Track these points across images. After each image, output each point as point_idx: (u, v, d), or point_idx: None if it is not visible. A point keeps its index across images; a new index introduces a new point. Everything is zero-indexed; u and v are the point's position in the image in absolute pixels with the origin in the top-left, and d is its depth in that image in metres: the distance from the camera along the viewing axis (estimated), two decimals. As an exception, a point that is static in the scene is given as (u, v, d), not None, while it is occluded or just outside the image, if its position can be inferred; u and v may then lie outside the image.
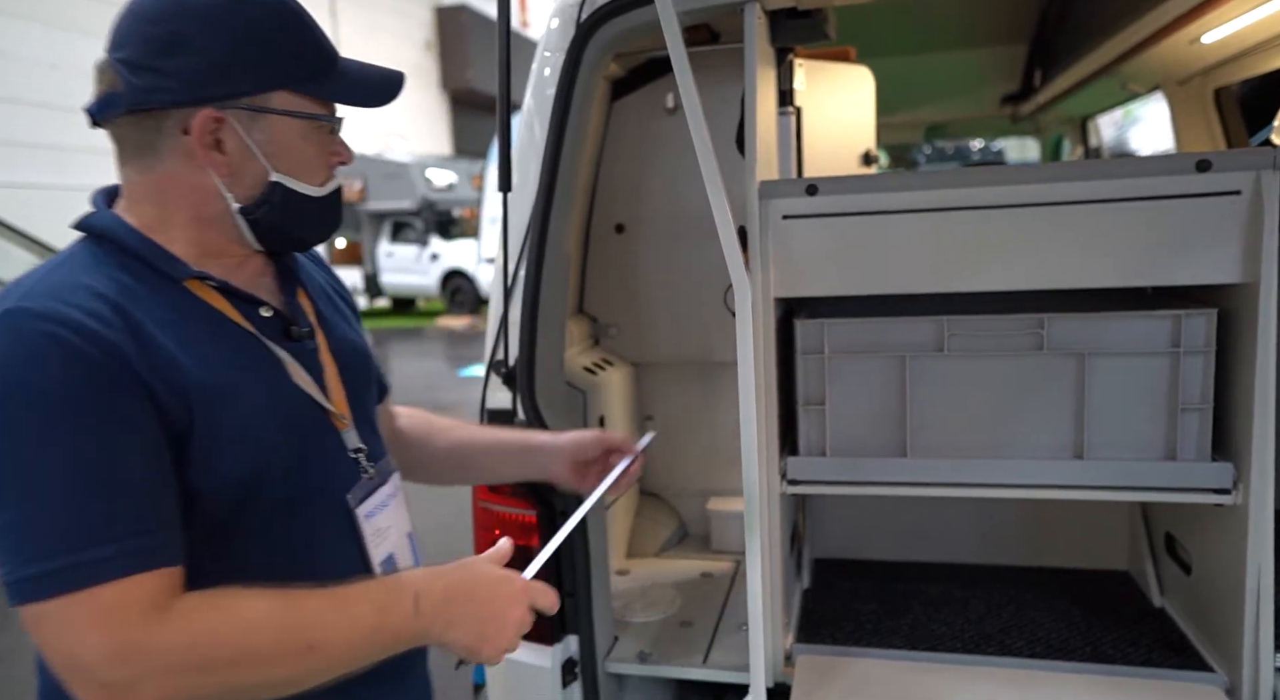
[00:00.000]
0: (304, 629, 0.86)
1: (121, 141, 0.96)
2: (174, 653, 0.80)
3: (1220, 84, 2.89)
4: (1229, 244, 1.43)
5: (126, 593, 0.80)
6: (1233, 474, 1.49)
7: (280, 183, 0.98)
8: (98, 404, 0.82)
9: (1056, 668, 1.64)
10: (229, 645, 0.83)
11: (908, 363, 1.63)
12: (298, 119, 0.98)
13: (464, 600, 0.94)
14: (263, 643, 0.84)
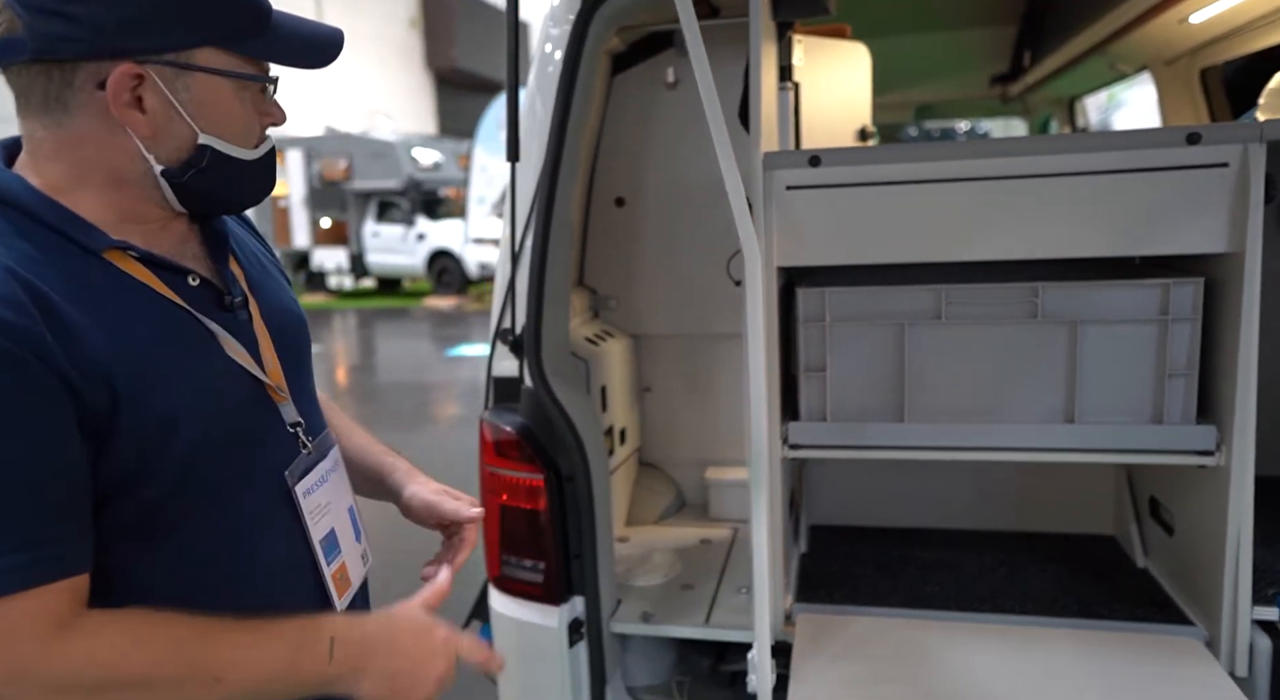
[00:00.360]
0: (213, 662, 0.82)
1: (25, 92, 0.86)
2: (70, 675, 0.77)
3: (1206, 64, 2.95)
4: (1216, 215, 1.48)
5: (26, 607, 0.75)
6: (1216, 436, 1.56)
7: (209, 145, 0.90)
8: (6, 401, 0.76)
9: (1045, 624, 1.71)
10: (132, 671, 0.79)
11: (906, 330, 1.68)
12: (228, 78, 0.90)
13: (382, 653, 0.90)
14: (168, 672, 0.80)
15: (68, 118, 0.85)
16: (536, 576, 1.79)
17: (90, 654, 0.77)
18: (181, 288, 0.92)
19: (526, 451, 1.77)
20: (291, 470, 0.98)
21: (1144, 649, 1.60)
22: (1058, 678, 1.52)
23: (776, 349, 1.65)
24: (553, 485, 1.75)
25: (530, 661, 1.82)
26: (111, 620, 0.80)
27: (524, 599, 1.82)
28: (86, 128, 0.86)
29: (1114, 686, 1.49)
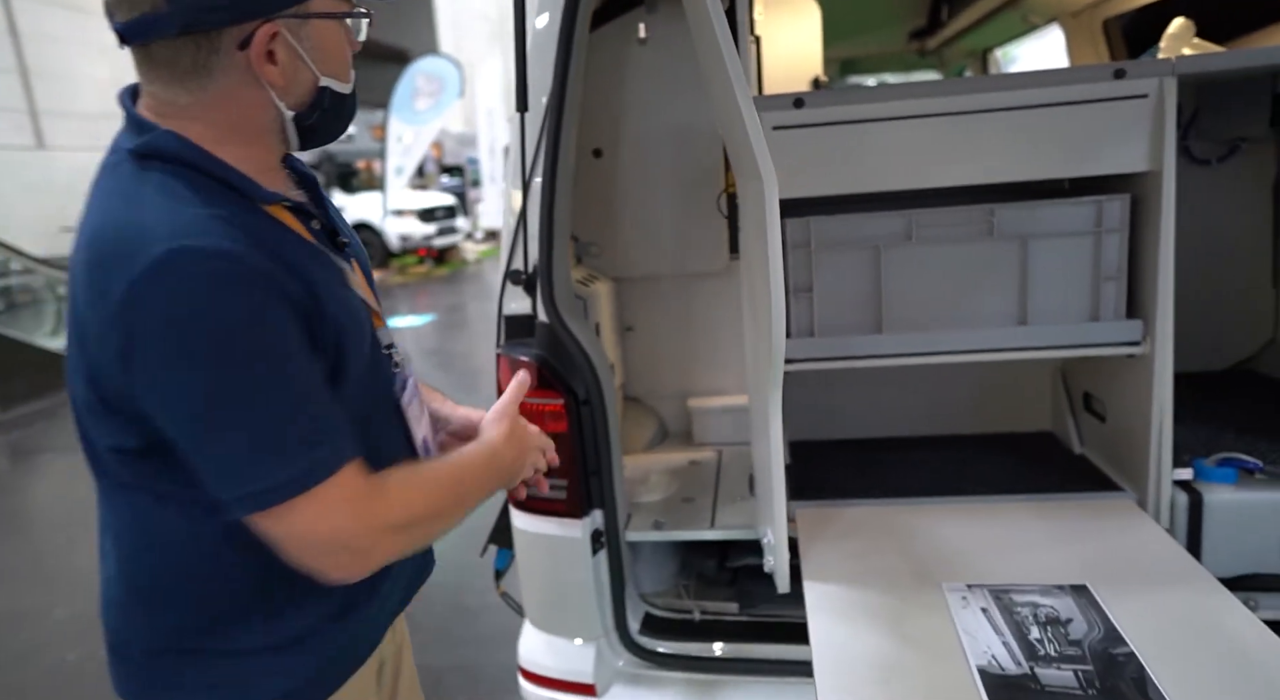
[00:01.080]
0: (464, 494, 1.09)
1: (170, 63, 0.94)
2: (396, 518, 0.98)
3: (1108, 15, 3.26)
4: (1138, 139, 1.75)
5: (350, 480, 0.94)
6: (1142, 329, 1.84)
7: (327, 86, 1.01)
8: (275, 327, 0.89)
9: (1000, 500, 1.98)
10: (426, 507, 1.03)
11: (881, 252, 1.91)
12: (335, 20, 1.00)
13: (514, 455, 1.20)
14: (440, 507, 1.05)
15: (210, 81, 0.94)
16: (560, 494, 1.96)
17: (404, 503, 1.00)
18: (313, 231, 1.06)
19: (546, 378, 1.92)
20: (397, 387, 1.15)
21: (1086, 511, 1.89)
22: (1017, 537, 1.80)
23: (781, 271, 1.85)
24: (571, 409, 1.92)
25: (558, 572, 1.99)
26: (403, 476, 1.02)
27: (549, 515, 1.99)
28: (227, 87, 0.95)
29: (1065, 539, 1.77)
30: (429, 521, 1.04)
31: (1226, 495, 1.82)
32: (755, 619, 2.05)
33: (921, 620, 1.50)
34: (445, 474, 1.08)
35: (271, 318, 0.89)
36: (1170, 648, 1.36)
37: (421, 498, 1.03)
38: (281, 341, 0.90)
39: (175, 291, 0.84)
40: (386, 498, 0.98)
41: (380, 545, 0.97)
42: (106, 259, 0.87)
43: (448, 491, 1.07)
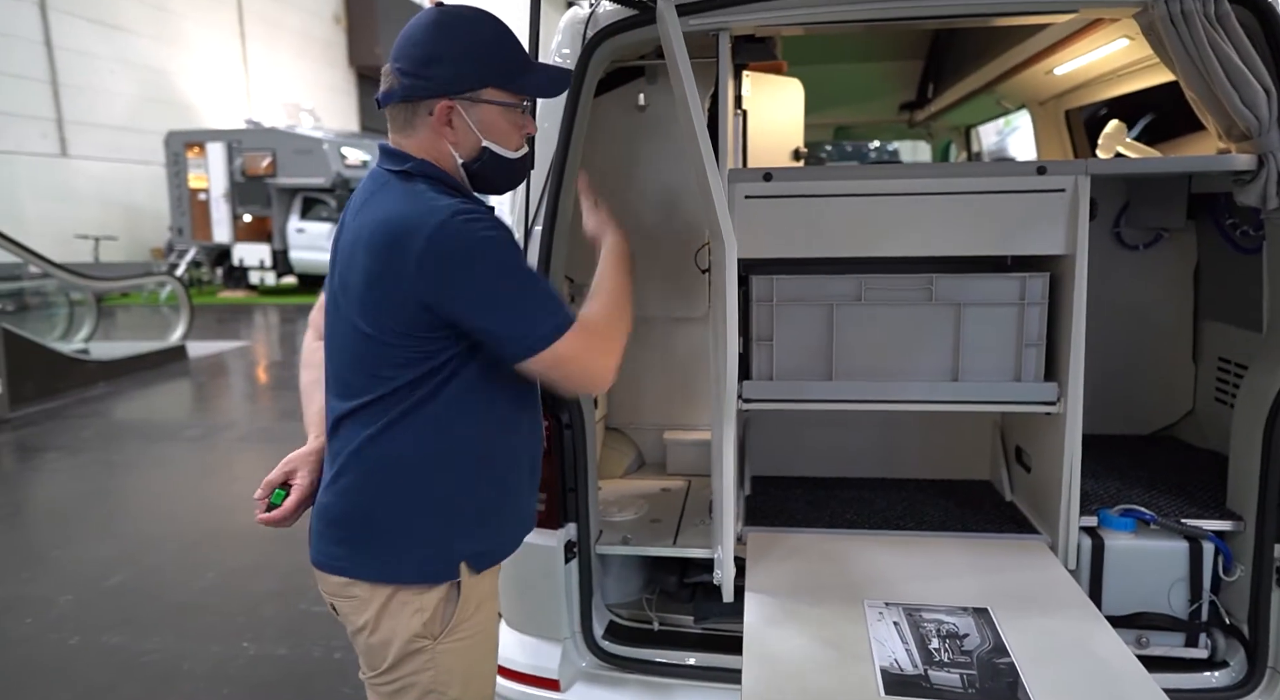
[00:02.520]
0: (621, 299, 1.58)
1: (394, 119, 1.49)
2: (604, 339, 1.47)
3: (1070, 106, 3.58)
4: (1056, 226, 2.03)
5: (578, 328, 1.42)
6: (1057, 391, 2.10)
7: (488, 148, 1.51)
8: (516, 251, 1.43)
9: (934, 536, 2.23)
10: (612, 321, 1.52)
11: (834, 309, 2.18)
12: (500, 106, 1.49)
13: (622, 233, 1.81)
14: (621, 310, 1.55)
15: (414, 132, 1.49)
16: (539, 506, 2.21)
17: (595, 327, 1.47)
18: None
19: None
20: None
21: (1005, 550, 2.13)
22: (938, 567, 2.04)
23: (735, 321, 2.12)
24: (556, 431, 2.17)
25: (533, 578, 2.22)
26: (589, 318, 1.47)
27: (529, 525, 2.22)
28: (424, 138, 1.49)
29: (979, 571, 2.01)
30: (620, 324, 1.53)
31: (1124, 542, 2.07)
32: (708, 632, 2.28)
33: (841, 629, 1.74)
34: (608, 293, 1.56)
35: (512, 246, 1.42)
36: (1044, 661, 1.60)
37: (606, 315, 1.50)
38: (523, 259, 1.44)
39: (460, 234, 1.36)
40: (594, 330, 1.45)
41: (603, 357, 1.46)
42: (403, 230, 1.36)
43: (617, 303, 1.55)
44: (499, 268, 1.38)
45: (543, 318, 1.39)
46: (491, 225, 1.39)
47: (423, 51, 1.45)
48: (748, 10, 2.08)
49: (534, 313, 1.39)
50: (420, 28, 1.47)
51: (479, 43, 1.48)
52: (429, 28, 1.46)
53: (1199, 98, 1.99)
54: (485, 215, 1.40)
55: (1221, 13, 1.90)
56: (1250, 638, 1.99)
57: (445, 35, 1.46)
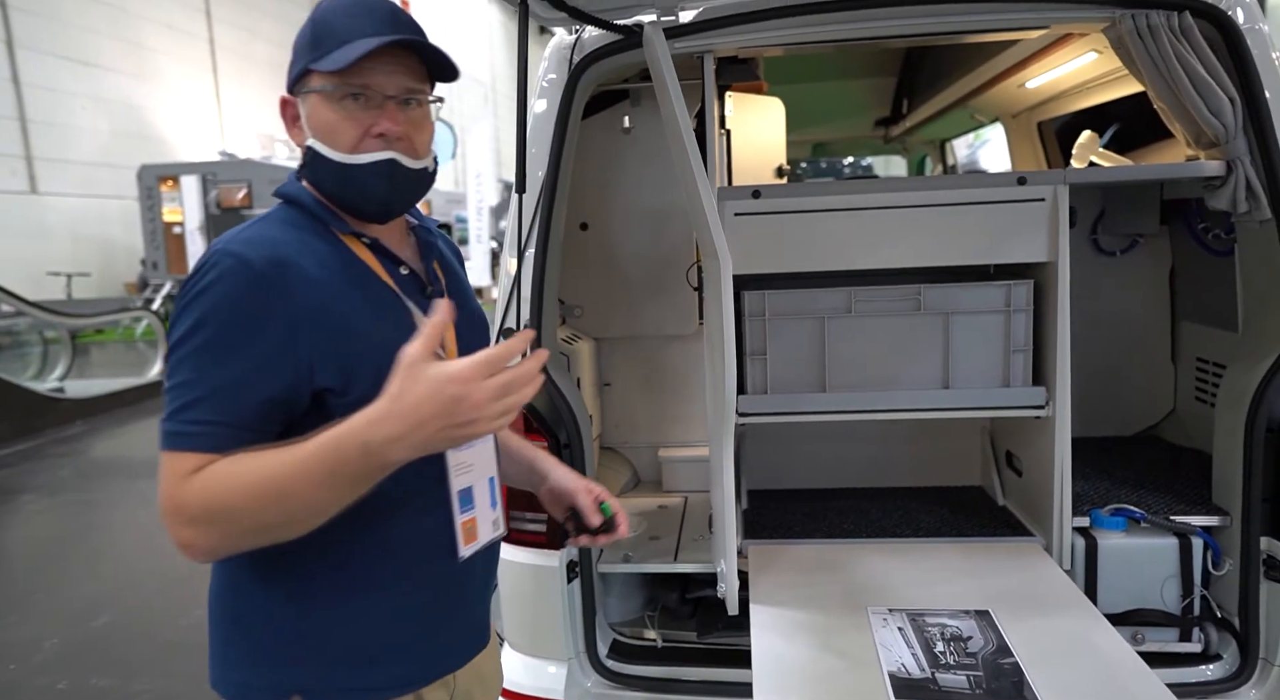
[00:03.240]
0: (275, 484, 1.01)
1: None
2: (193, 510, 1.02)
3: (1041, 118, 3.68)
4: (1038, 235, 2.08)
5: (188, 462, 1.03)
6: (1045, 395, 2.15)
7: (312, 145, 1.17)
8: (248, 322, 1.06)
9: (931, 542, 2.26)
10: (225, 503, 1.02)
11: (826, 322, 2.22)
12: (319, 93, 1.16)
13: (414, 429, 0.98)
14: (248, 501, 1.02)
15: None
16: (540, 527, 2.21)
17: (199, 490, 1.02)
18: (394, 273, 1.22)
19: (533, 423, 2.19)
20: None
21: (999, 553, 2.17)
22: (937, 572, 2.07)
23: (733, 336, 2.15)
24: (554, 451, 2.18)
25: (537, 598, 2.23)
26: (209, 469, 1.03)
27: (530, 547, 2.23)
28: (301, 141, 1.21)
29: (977, 574, 2.04)
30: (237, 518, 1.02)
31: (1117, 540, 2.11)
32: (711, 646, 2.29)
33: (847, 637, 1.76)
34: (262, 472, 1.02)
35: (244, 312, 1.06)
36: (1048, 660, 1.62)
37: (222, 494, 1.02)
38: (238, 331, 1.06)
39: (201, 274, 1.09)
40: (189, 487, 1.02)
41: (177, 530, 1.03)
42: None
43: (261, 490, 1.01)
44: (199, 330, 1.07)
45: (166, 412, 1.07)
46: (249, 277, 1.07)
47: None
48: (730, 33, 2.13)
49: (168, 403, 1.07)
50: None
51: (311, 25, 1.18)
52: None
53: (1168, 107, 2.06)
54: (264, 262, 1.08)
55: (1185, 26, 1.97)
56: (1241, 630, 2.03)
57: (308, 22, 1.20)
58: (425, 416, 0.97)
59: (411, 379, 0.98)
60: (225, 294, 1.07)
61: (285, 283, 1.09)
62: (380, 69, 1.16)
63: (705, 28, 2.13)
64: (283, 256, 1.11)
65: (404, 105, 1.19)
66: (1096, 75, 2.82)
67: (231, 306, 1.07)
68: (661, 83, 1.86)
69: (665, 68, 1.82)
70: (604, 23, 2.14)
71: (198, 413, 1.05)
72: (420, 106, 1.21)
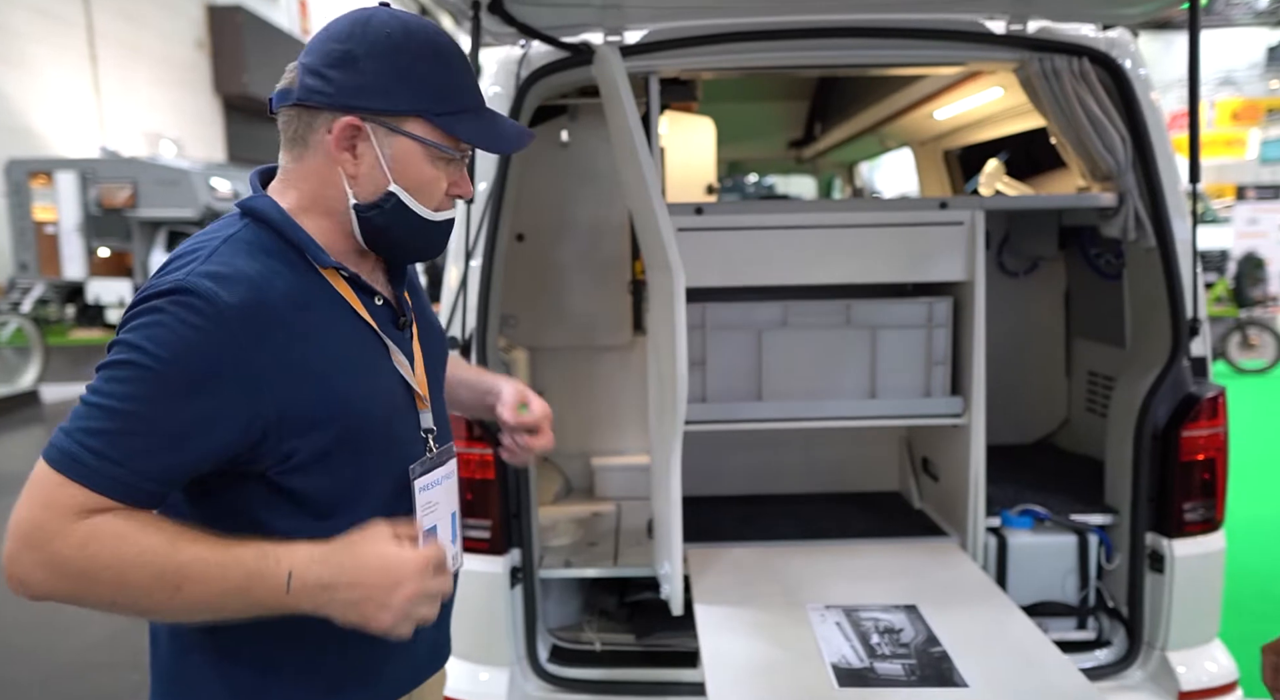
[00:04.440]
0: (175, 573, 0.92)
1: (284, 129, 1.10)
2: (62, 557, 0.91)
3: (948, 147, 3.94)
4: (957, 255, 2.25)
5: (75, 497, 0.91)
6: (963, 404, 2.32)
7: (395, 194, 1.08)
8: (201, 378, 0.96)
9: (855, 543, 2.39)
10: (107, 567, 0.92)
11: (762, 334, 2.33)
12: (424, 145, 1.08)
13: (344, 585, 0.96)
14: (136, 576, 0.92)
15: (305, 152, 1.09)
16: (484, 534, 2.23)
17: (80, 543, 0.91)
18: (369, 305, 1.13)
19: (476, 432, 2.21)
20: (415, 466, 1.15)
21: (920, 551, 2.32)
22: (866, 570, 2.20)
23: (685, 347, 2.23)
24: (498, 458, 2.20)
25: (480, 605, 2.24)
26: (108, 524, 0.92)
27: (474, 553, 2.24)
28: (315, 162, 1.09)
29: (902, 572, 2.18)
30: (103, 586, 0.93)
31: (1024, 538, 2.29)
32: (649, 648, 2.35)
33: (789, 631, 1.85)
34: (171, 557, 0.93)
35: (205, 363, 0.96)
36: (972, 647, 1.76)
37: (107, 557, 0.91)
38: (194, 386, 0.95)
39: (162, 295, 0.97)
40: (72, 531, 0.91)
41: (28, 565, 0.91)
42: (169, 260, 1.04)
43: (160, 574, 0.93)
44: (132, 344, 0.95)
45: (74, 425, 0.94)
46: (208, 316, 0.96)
47: (341, 48, 1.06)
48: (675, 55, 2.22)
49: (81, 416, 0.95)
50: (348, 21, 1.09)
51: (419, 57, 1.08)
52: (358, 23, 1.08)
53: (1068, 142, 2.27)
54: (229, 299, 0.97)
55: (1084, 70, 2.19)
56: (1129, 618, 2.24)
57: (376, 36, 1.07)
58: (362, 582, 0.97)
59: (375, 546, 0.98)
60: (186, 333, 0.95)
61: (257, 331, 0.99)
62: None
63: (650, 49, 2.21)
64: (259, 299, 1.00)
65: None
66: (1001, 109, 3.05)
67: (189, 350, 0.95)
68: (616, 99, 1.93)
69: (621, 85, 1.89)
70: (554, 40, 2.20)
71: (107, 446, 0.93)
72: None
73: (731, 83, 4.13)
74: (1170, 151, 2.23)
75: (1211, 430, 2.17)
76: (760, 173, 7.29)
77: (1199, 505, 2.18)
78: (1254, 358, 8.29)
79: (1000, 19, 2.19)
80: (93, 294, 15.41)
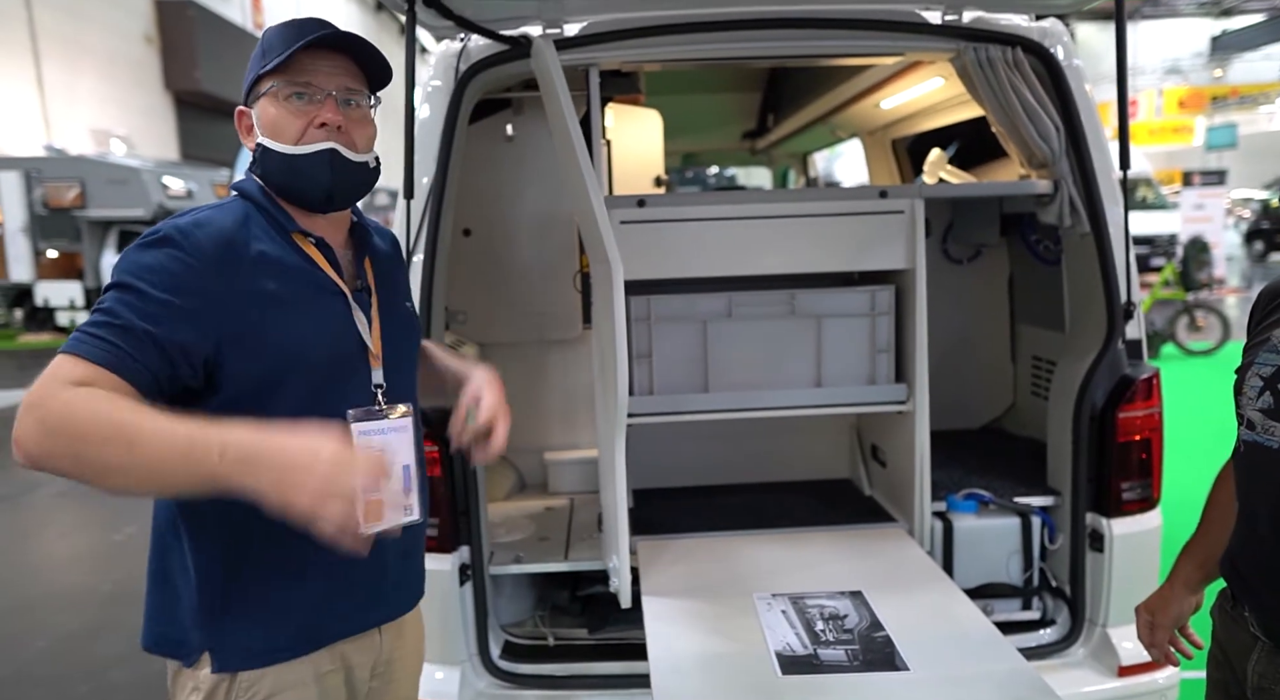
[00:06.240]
0: (132, 431, 1.05)
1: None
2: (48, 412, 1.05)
3: (895, 136, 3.98)
4: (898, 244, 2.28)
5: (69, 367, 1.09)
6: (906, 391, 2.35)
7: (262, 142, 1.28)
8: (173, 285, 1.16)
9: (802, 531, 2.41)
10: (80, 422, 1.05)
11: (707, 325, 2.34)
12: (269, 95, 1.27)
13: (265, 462, 1.04)
14: (100, 430, 1.05)
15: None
16: (432, 531, 2.21)
17: (65, 401, 1.06)
18: (334, 265, 1.33)
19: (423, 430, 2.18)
20: (354, 412, 1.30)
21: (867, 538, 2.35)
22: (813, 557, 2.22)
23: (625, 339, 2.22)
24: (445, 456, 2.19)
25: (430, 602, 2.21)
26: (94, 391, 1.08)
27: (421, 551, 2.22)
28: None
29: (849, 558, 2.20)
30: (73, 441, 1.05)
31: (969, 522, 2.33)
32: (602, 641, 2.36)
33: (735, 621, 1.86)
34: (129, 417, 1.06)
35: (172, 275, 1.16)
36: (915, 631, 1.79)
37: (83, 413, 1.05)
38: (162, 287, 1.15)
39: (146, 237, 1.20)
40: (61, 393, 1.06)
41: (23, 422, 1.05)
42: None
43: (118, 430, 1.05)
44: (119, 274, 1.17)
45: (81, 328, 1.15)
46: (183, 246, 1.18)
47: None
48: (614, 47, 2.21)
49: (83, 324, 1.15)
50: None
51: (264, 44, 1.31)
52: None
53: (1004, 131, 2.30)
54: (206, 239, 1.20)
55: (1018, 59, 2.22)
56: (1072, 597, 2.29)
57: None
58: (284, 462, 1.05)
59: (305, 434, 1.07)
60: (164, 260, 1.17)
61: (220, 262, 1.20)
62: (321, 69, 1.29)
63: (590, 42, 2.20)
64: (226, 239, 1.22)
65: (345, 104, 1.30)
66: (943, 99, 3.09)
67: (164, 269, 1.17)
68: (552, 93, 1.91)
69: (556, 79, 1.88)
70: (491, 33, 2.18)
71: (105, 333, 1.13)
72: (360, 106, 1.33)
73: (682, 75, 4.14)
74: (1103, 139, 2.27)
75: (1147, 411, 2.21)
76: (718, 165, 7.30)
77: (1136, 485, 2.23)
78: (1201, 339, 8.50)
79: (936, 9, 2.21)
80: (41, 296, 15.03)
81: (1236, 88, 26.92)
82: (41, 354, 13.69)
